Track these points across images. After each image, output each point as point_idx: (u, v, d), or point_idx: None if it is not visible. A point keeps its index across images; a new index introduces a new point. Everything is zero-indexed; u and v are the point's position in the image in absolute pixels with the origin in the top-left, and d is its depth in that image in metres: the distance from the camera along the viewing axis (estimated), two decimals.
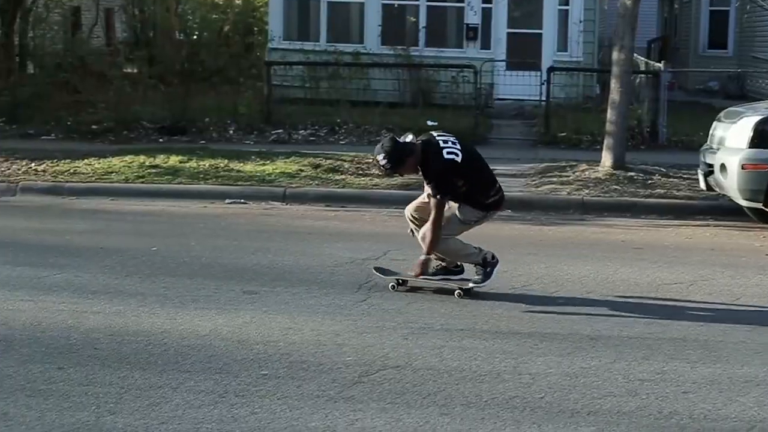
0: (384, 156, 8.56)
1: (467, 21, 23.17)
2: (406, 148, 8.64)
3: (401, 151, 8.60)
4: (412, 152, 8.62)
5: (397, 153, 8.57)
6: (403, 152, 8.60)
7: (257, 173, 14.55)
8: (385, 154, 8.56)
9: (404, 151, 8.61)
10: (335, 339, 7.41)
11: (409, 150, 8.63)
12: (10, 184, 14.29)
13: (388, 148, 8.57)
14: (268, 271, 9.53)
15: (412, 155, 8.62)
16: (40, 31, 24.74)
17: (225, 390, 6.36)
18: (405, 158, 8.60)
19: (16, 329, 7.58)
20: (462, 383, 6.54)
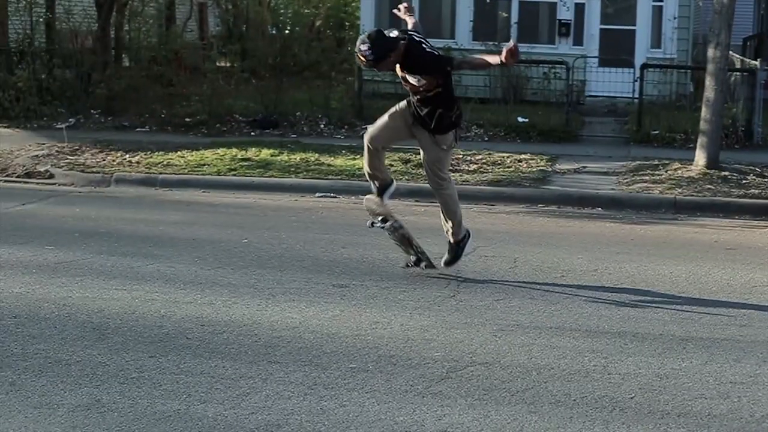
0: (368, 46, 8.31)
1: (560, 17, 22.99)
2: (391, 41, 8.41)
3: (386, 44, 8.37)
4: (396, 48, 8.40)
5: (382, 45, 8.35)
6: (387, 45, 8.37)
7: (348, 167, 14.61)
8: (370, 43, 8.32)
9: (389, 44, 8.38)
10: (424, 334, 7.42)
11: (394, 45, 8.40)
12: (105, 175, 14.53)
13: (374, 38, 8.34)
14: (358, 264, 9.58)
15: (395, 51, 8.40)
16: (135, 24, 25.10)
17: (314, 382, 6.40)
18: (389, 53, 8.38)
19: (110, 318, 7.71)
20: (551, 381, 6.51)
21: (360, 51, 8.39)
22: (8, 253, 9.81)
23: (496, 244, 10.59)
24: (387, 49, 8.38)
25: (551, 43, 23.09)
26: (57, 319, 7.67)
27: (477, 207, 12.89)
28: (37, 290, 8.45)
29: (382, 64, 8.50)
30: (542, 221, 12.18)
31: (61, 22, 22.60)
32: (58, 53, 21.85)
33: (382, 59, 8.41)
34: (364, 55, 8.36)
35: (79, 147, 16.48)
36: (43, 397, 6.09)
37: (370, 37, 8.35)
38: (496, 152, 16.01)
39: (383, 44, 8.36)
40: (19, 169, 15.06)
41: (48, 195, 13.51)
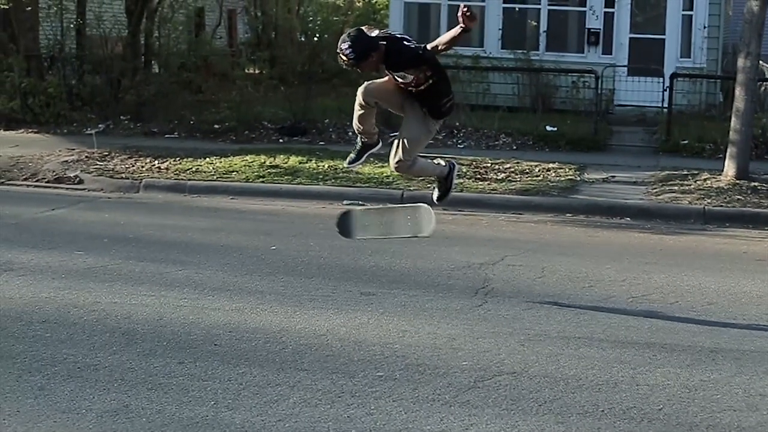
0: (349, 46, 8.19)
1: (589, 25, 22.92)
2: (372, 42, 8.29)
3: (368, 43, 8.25)
4: (377, 48, 8.28)
5: (363, 45, 8.22)
6: (369, 46, 8.25)
7: (375, 175, 14.62)
8: (351, 43, 8.20)
9: (371, 44, 8.26)
10: (451, 343, 7.41)
11: (375, 45, 8.28)
12: (134, 181, 14.60)
13: (355, 38, 8.23)
14: (386, 273, 9.58)
15: (377, 51, 8.28)
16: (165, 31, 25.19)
17: (341, 390, 6.40)
18: (370, 53, 8.25)
19: (139, 323, 7.74)
20: (578, 392, 6.49)
21: (341, 50, 8.27)
22: (38, 257, 9.87)
23: (524, 253, 10.57)
24: (368, 48, 8.25)
25: (580, 51, 23.02)
26: (86, 324, 7.71)
27: (505, 216, 12.87)
28: (66, 295, 8.50)
29: (363, 64, 8.36)
30: (570, 231, 12.15)
31: (91, 28, 22.72)
32: (89, 59, 21.98)
33: (363, 59, 8.28)
34: (345, 54, 8.25)
35: (109, 153, 16.57)
36: (71, 402, 6.13)
37: (350, 37, 8.25)
38: (524, 161, 15.98)
39: (364, 44, 8.24)
40: (49, 174, 15.15)
41: (77, 200, 13.58)
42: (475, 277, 9.45)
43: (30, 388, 6.33)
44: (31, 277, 9.08)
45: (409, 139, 8.67)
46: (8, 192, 14.29)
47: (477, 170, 15.24)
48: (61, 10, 22.04)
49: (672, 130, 18.26)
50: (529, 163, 15.85)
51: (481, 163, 15.70)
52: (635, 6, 22.73)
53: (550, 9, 23.21)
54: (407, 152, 8.68)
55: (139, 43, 22.84)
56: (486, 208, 13.26)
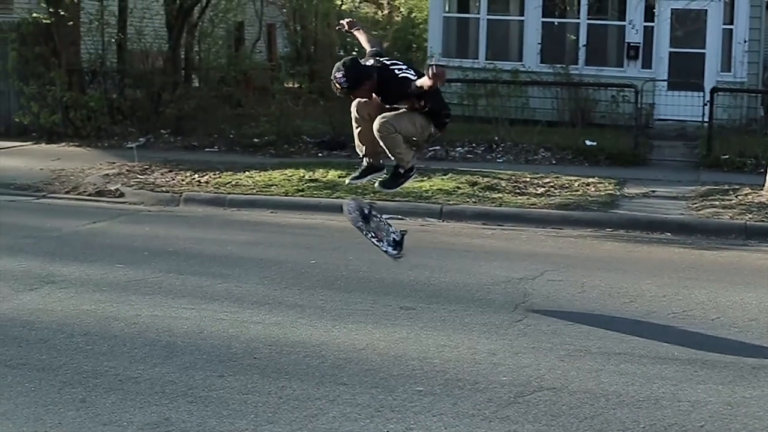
0: (343, 74, 8.34)
1: (628, 39, 22.85)
2: (366, 70, 8.46)
3: (361, 73, 8.41)
4: (371, 77, 8.44)
5: (356, 73, 8.38)
6: (362, 74, 8.41)
7: (414, 190, 14.61)
8: (345, 70, 8.35)
9: (364, 72, 8.43)
10: (491, 358, 7.39)
11: (368, 73, 8.44)
12: (174, 195, 14.68)
13: (350, 66, 8.38)
14: (425, 287, 9.57)
15: (370, 80, 8.43)
16: (205, 45, 25.34)
17: (381, 405, 6.40)
18: (363, 80, 8.41)
19: (179, 336, 7.78)
20: (619, 408, 6.45)
21: (335, 78, 8.44)
22: (79, 270, 9.94)
23: (563, 268, 10.53)
24: (361, 77, 8.43)
25: (620, 66, 22.95)
26: (127, 336, 7.75)
27: (544, 231, 12.83)
28: (107, 308, 8.55)
29: (356, 92, 8.55)
30: (610, 246, 12.09)
31: (132, 43, 22.90)
32: (129, 73, 22.16)
33: (356, 87, 8.46)
34: (339, 82, 8.41)
35: (149, 166, 16.69)
36: (112, 415, 6.16)
37: (345, 65, 8.41)
38: (563, 176, 15.95)
39: (357, 73, 8.41)
40: (90, 188, 15.27)
41: (118, 213, 13.67)
42: (514, 291, 9.42)
43: (72, 401, 6.38)
44: (73, 290, 9.14)
45: (405, 116, 8.62)
46: (50, 205, 14.42)
47: (516, 185, 15.22)
48: (102, 24, 22.22)
49: (712, 144, 18.16)
50: (569, 177, 15.81)
51: (521, 177, 15.68)
52: (675, 20, 22.61)
53: (589, 23, 23.18)
54: (396, 122, 8.58)
55: (179, 58, 22.98)
56: (525, 223, 13.22)
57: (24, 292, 9.05)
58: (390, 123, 8.56)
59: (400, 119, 8.60)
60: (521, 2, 23.70)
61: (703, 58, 22.45)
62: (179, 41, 22.77)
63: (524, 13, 23.49)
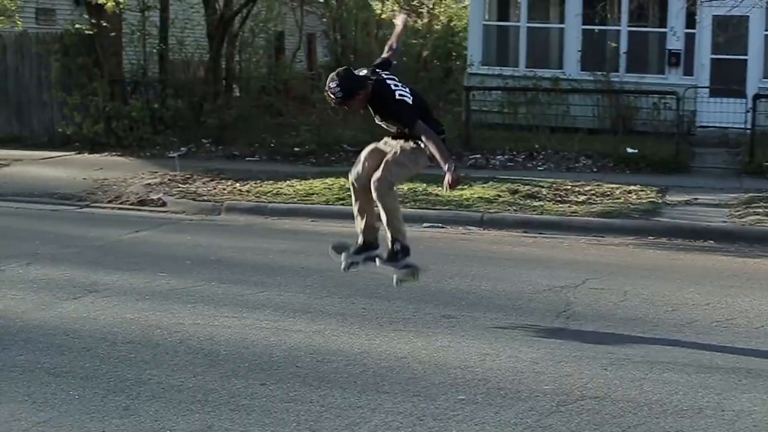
0: (337, 84, 8.33)
1: (669, 46, 22.73)
2: (360, 81, 8.43)
3: (355, 83, 8.39)
4: (365, 87, 8.41)
5: (351, 83, 8.36)
6: (356, 84, 8.39)
7: (455, 198, 14.61)
8: (339, 81, 8.34)
9: (358, 83, 8.40)
10: (533, 367, 7.37)
11: (363, 84, 8.42)
12: (216, 204, 14.75)
13: (344, 76, 8.37)
14: (466, 295, 9.55)
15: (364, 90, 8.41)
16: (246, 55, 25.47)
17: (423, 413, 6.39)
18: (357, 91, 8.39)
19: (221, 345, 7.81)
20: (662, 417, 6.40)
21: (329, 88, 8.43)
22: (122, 279, 10.01)
23: (605, 276, 10.48)
24: (355, 87, 8.40)
25: (661, 73, 22.84)
26: (169, 345, 7.79)
27: (586, 239, 12.78)
28: (149, 316, 8.60)
29: (350, 103, 8.51)
30: (652, 253, 12.02)
31: (173, 53, 23.07)
32: (171, 83, 22.31)
33: (350, 98, 8.43)
34: (333, 92, 8.40)
35: (191, 175, 16.79)
36: (155, 423, 6.19)
37: (339, 75, 8.40)
38: (605, 183, 15.89)
39: (351, 83, 8.39)
40: (132, 197, 15.37)
41: (160, 222, 13.75)
42: (556, 300, 9.38)
43: (115, 408, 6.41)
44: (116, 299, 9.21)
45: (394, 159, 8.60)
46: (93, 214, 14.53)
47: (557, 192, 15.18)
48: (144, 35, 22.40)
49: (755, 151, 18.04)
50: (610, 185, 15.75)
51: (562, 185, 15.64)
52: (716, 26, 22.48)
53: (630, 30, 23.08)
54: (389, 171, 8.57)
55: (220, 68, 23.11)
56: (567, 231, 13.18)
57: (67, 301, 9.12)
58: (382, 177, 8.55)
59: (392, 169, 8.56)
60: (561, 10, 23.65)
61: (745, 65, 22.29)
62: (220, 51, 22.89)
63: (564, 21, 23.43)
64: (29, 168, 18.36)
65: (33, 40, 21.84)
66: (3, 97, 22.13)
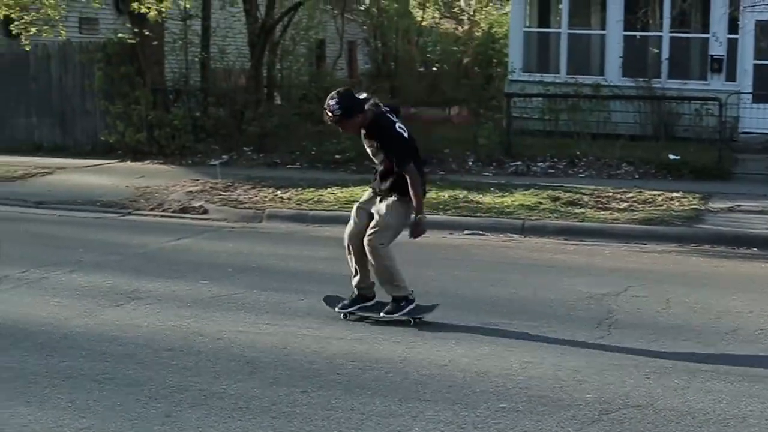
0: (337, 102, 8.32)
1: (712, 52, 22.58)
2: (360, 103, 8.44)
3: (355, 104, 8.40)
4: (363, 111, 8.43)
5: (350, 103, 8.37)
6: (356, 105, 8.40)
7: (496, 205, 14.58)
8: (339, 99, 8.34)
9: (358, 104, 8.41)
10: (574, 375, 7.33)
11: (362, 107, 8.43)
12: (257, 211, 14.80)
13: (344, 95, 8.40)
14: (508, 303, 9.53)
15: (362, 114, 8.42)
16: (287, 63, 25.56)
17: (464, 421, 6.38)
18: (356, 112, 8.40)
19: (263, 352, 7.83)
20: (706, 426, 6.35)
21: (328, 106, 8.42)
22: (164, 286, 10.06)
23: (648, 284, 10.42)
24: (354, 108, 8.41)
25: (703, 79, 22.69)
26: (211, 352, 7.82)
27: (628, 246, 12.71)
28: (191, 324, 8.64)
29: (347, 123, 8.50)
30: (695, 261, 11.94)
31: (215, 62, 23.19)
32: (213, 92, 22.41)
33: (348, 117, 8.43)
34: (331, 110, 8.39)
35: (232, 183, 16.85)
36: (197, 429, 6.22)
37: (339, 94, 8.43)
38: (647, 190, 15.80)
39: (351, 103, 8.40)
40: (174, 205, 15.46)
41: (202, 230, 13.82)
42: (598, 308, 9.34)
43: (157, 415, 6.45)
44: (158, 306, 9.26)
45: (381, 224, 8.61)
46: (136, 222, 14.63)
47: (599, 199, 15.10)
48: (186, 44, 22.53)
49: None
50: (652, 192, 15.65)
51: (603, 192, 15.56)
52: (759, 32, 22.30)
53: (672, 36, 22.94)
54: (377, 236, 8.60)
55: (261, 76, 23.19)
56: (608, 238, 13.10)
57: (110, 308, 9.19)
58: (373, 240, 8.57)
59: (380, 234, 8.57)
60: (603, 16, 23.56)
61: None
62: (261, 59, 22.97)
63: (606, 27, 23.33)
64: (73, 176, 18.51)
65: (76, 49, 22.01)
66: (47, 106, 22.32)
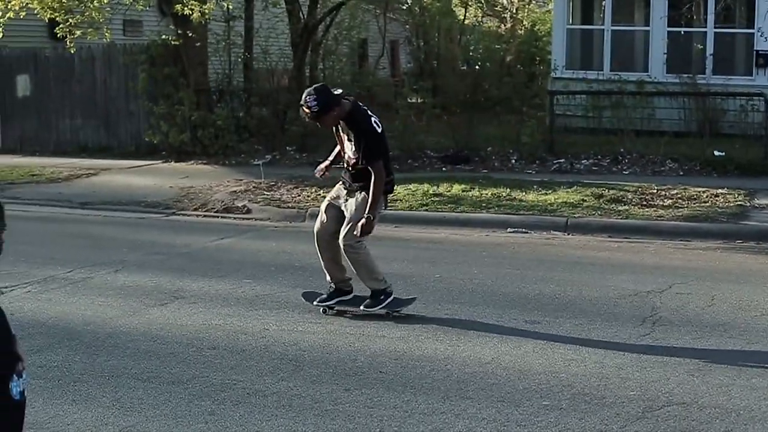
0: (315, 98, 8.37)
1: (757, 47, 22.35)
2: (336, 97, 8.52)
3: (331, 99, 8.46)
4: (339, 104, 8.50)
5: (326, 98, 8.43)
6: (332, 100, 8.47)
7: (539, 203, 14.53)
8: (317, 95, 8.40)
9: (334, 99, 8.49)
10: (618, 372, 7.29)
11: (338, 101, 8.50)
12: (300, 210, 14.84)
13: (321, 90, 8.48)
14: (551, 301, 9.49)
15: (339, 107, 8.50)
16: (329, 63, 25.60)
17: (507, 419, 6.36)
18: (332, 107, 8.46)
19: (306, 350, 7.85)
20: (751, 424, 6.30)
21: (305, 102, 8.48)
22: (208, 285, 10.11)
23: (692, 281, 10.34)
24: (331, 103, 8.47)
25: (748, 74, 22.47)
26: (254, 350, 7.86)
27: (672, 243, 12.62)
28: (235, 322, 8.68)
29: (324, 118, 8.56)
30: (740, 258, 11.83)
31: (258, 62, 23.25)
32: (256, 92, 22.50)
33: (326, 112, 8.49)
34: (308, 106, 8.44)
35: (275, 183, 16.90)
36: (240, 427, 6.24)
37: (316, 90, 8.52)
38: (691, 187, 15.68)
39: (328, 98, 8.46)
40: (218, 205, 15.53)
41: (245, 230, 13.88)
42: (642, 305, 9.28)
43: (201, 413, 6.48)
44: (202, 305, 9.31)
45: (352, 221, 8.71)
46: (179, 222, 14.71)
47: (643, 197, 15.00)
48: (229, 45, 22.62)
49: None
50: (697, 188, 15.53)
51: (647, 189, 15.46)
52: None
53: (716, 32, 22.74)
54: (350, 234, 8.69)
55: (304, 76, 23.23)
56: (653, 235, 13.02)
57: (154, 307, 9.25)
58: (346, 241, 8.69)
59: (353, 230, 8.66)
60: (646, 12, 23.41)
61: None
62: (304, 59, 23.03)
63: (650, 24, 23.18)
64: (117, 177, 18.65)
65: (120, 51, 22.18)
66: (92, 107, 22.51)
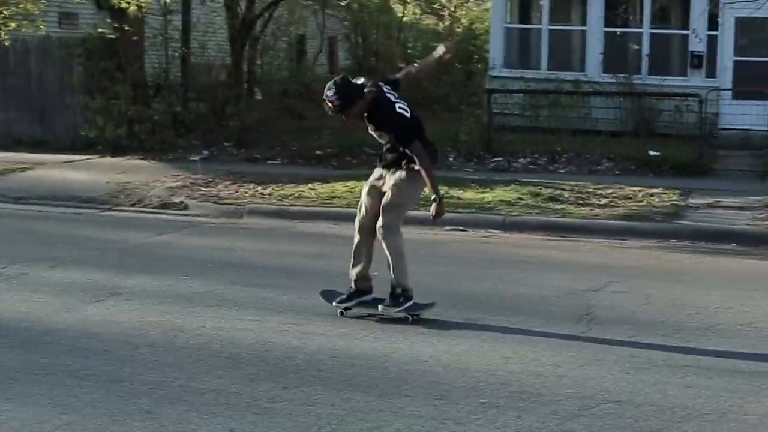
0: (335, 92, 8.30)
1: (692, 48, 22.66)
2: (358, 89, 8.42)
3: (353, 91, 8.38)
4: (363, 96, 8.40)
5: (348, 91, 8.34)
6: (354, 92, 8.38)
7: (477, 201, 14.60)
8: (336, 89, 8.31)
9: (356, 91, 8.40)
10: (555, 370, 7.35)
11: (361, 92, 8.40)
12: (238, 207, 14.78)
13: (341, 84, 8.35)
14: (488, 299, 9.54)
15: (362, 99, 8.40)
16: (267, 58, 25.54)
17: (445, 417, 6.38)
18: (355, 100, 8.37)
19: (243, 348, 7.82)
20: (685, 422, 6.37)
21: (327, 97, 8.37)
22: (145, 282, 10.04)
23: (628, 279, 10.45)
24: (353, 97, 8.38)
25: (683, 75, 22.76)
26: (191, 348, 7.81)
27: (608, 242, 12.75)
28: (172, 320, 8.62)
29: (348, 111, 8.48)
30: (675, 257, 11.98)
31: (195, 57, 23.14)
32: (193, 87, 22.38)
33: (349, 106, 8.41)
34: (330, 101, 8.35)
35: (213, 179, 16.83)
36: (178, 425, 6.19)
37: (336, 84, 8.38)
38: (627, 186, 15.84)
39: (350, 91, 8.38)
40: (155, 200, 15.42)
41: (183, 226, 13.79)
42: (578, 303, 9.37)
43: (137, 411, 6.42)
44: (138, 302, 9.23)
45: (391, 203, 8.64)
46: (116, 218, 14.59)
47: (579, 195, 15.14)
48: (166, 39, 22.48)
49: None
50: (632, 188, 15.70)
51: (584, 188, 15.60)
52: (739, 29, 22.37)
53: (652, 33, 23.02)
54: (389, 217, 8.63)
55: (242, 71, 23.16)
56: (589, 234, 13.14)
57: (91, 304, 9.16)
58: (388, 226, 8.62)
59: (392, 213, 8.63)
60: (583, 12, 23.62)
61: None
62: (242, 54, 22.95)
63: (586, 23, 23.40)
64: (52, 171, 18.44)
65: (56, 44, 21.92)
66: (26, 100, 22.22)
